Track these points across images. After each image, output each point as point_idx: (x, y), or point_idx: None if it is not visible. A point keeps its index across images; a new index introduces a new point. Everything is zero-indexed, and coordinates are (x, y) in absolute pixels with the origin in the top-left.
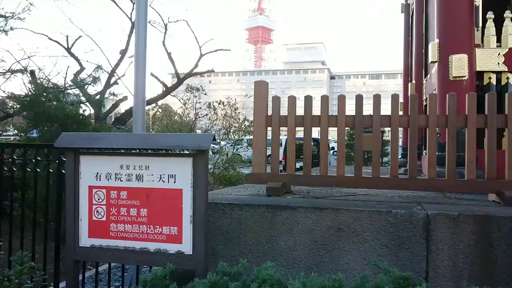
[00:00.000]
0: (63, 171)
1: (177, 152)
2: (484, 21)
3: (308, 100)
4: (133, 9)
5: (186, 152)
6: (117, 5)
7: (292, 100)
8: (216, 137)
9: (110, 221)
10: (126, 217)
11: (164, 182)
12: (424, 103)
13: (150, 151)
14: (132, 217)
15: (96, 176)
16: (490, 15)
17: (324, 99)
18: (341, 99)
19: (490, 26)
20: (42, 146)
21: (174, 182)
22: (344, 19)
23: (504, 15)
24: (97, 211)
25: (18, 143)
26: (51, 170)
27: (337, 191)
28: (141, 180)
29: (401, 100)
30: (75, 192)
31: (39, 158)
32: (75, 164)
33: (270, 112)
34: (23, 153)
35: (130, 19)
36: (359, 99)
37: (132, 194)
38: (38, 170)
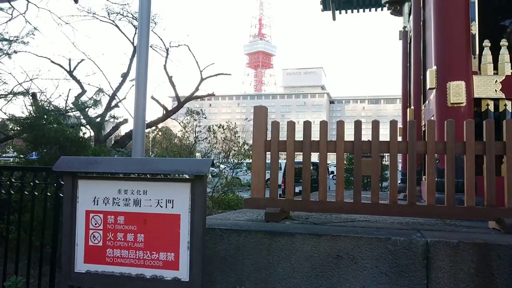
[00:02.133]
0: (61, 195)
1: (176, 176)
2: (481, 48)
3: (307, 125)
4: (135, 33)
5: (185, 176)
6: (120, 30)
7: (291, 125)
8: (215, 161)
9: (107, 246)
10: (123, 242)
11: (161, 207)
12: (423, 129)
13: (148, 175)
14: (129, 242)
15: (94, 200)
16: (487, 43)
17: (323, 125)
18: (340, 124)
19: (487, 54)
20: (40, 169)
21: (172, 207)
22: (344, 44)
23: (500, 43)
24: (93, 236)
25: (17, 166)
26: (48, 194)
27: (336, 217)
28: (139, 205)
29: (400, 125)
30: (72, 217)
31: (37, 181)
32: (73, 188)
33: (269, 137)
34: (21, 176)
35: (132, 43)
36: (358, 125)
37: (129, 219)
38: (36, 193)
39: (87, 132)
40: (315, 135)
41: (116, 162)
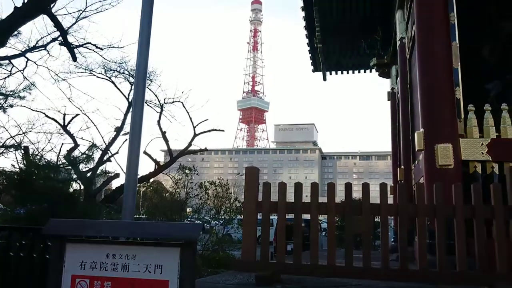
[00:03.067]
0: (47, 256)
1: (165, 242)
2: (466, 112)
3: (298, 187)
4: (130, 89)
5: (175, 241)
6: (116, 86)
7: (282, 186)
8: (206, 217)
9: None
10: None
11: (150, 272)
12: (414, 188)
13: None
14: None
15: (81, 265)
16: (471, 107)
17: (314, 187)
18: (331, 187)
19: (472, 117)
20: (27, 229)
21: (161, 273)
22: (335, 100)
23: (484, 107)
24: None
25: (4, 226)
26: (34, 255)
27: (328, 280)
28: (127, 270)
29: (391, 183)
30: (57, 282)
31: (23, 242)
32: (61, 252)
33: (260, 197)
34: (8, 236)
35: (127, 99)
36: (348, 187)
37: (117, 285)
38: (22, 254)
39: (77, 185)
40: (307, 190)
41: (106, 226)
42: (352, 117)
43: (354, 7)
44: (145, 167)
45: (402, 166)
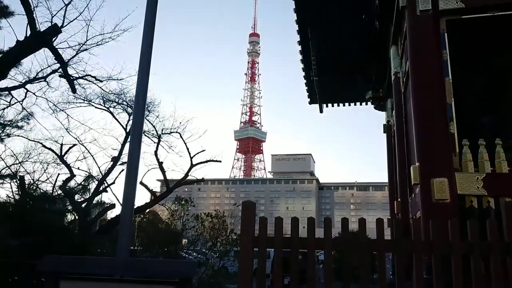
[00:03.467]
0: None
1: (160, 280)
2: (461, 147)
3: (295, 222)
4: (128, 120)
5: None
6: (114, 117)
7: (278, 222)
8: (202, 249)
9: None
10: None
11: None
12: (411, 221)
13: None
14: None
15: None
16: (466, 142)
17: (311, 221)
18: (327, 222)
19: (466, 152)
20: (21, 265)
21: None
22: (332, 131)
23: (478, 142)
24: None
25: None
26: None
27: None
28: None
29: (389, 215)
30: None
31: (16, 278)
32: None
33: (257, 230)
34: (0, 270)
35: (125, 129)
36: (344, 223)
37: None
38: None
39: (72, 216)
40: (304, 221)
41: (100, 263)
42: (349, 147)
43: (349, 42)
44: (141, 197)
45: (399, 199)
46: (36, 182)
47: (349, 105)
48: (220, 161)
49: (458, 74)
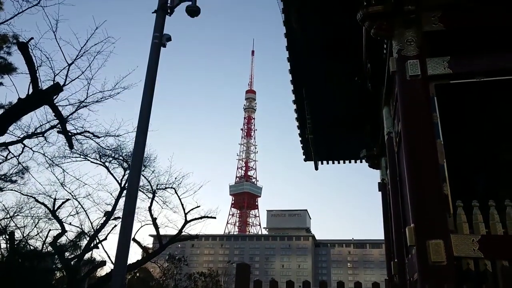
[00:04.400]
0: None
1: None
2: (455, 208)
3: (290, 286)
4: (123, 175)
5: None
6: (109, 171)
7: (273, 285)
8: None
9: None
10: None
11: None
12: (408, 284)
13: None
14: None
15: None
16: (459, 203)
17: (306, 286)
18: (323, 286)
19: (461, 213)
20: None
21: None
22: (328, 187)
23: (472, 203)
24: None
25: None
26: None
27: None
28: None
29: (386, 273)
30: None
31: None
32: None
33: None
34: None
35: (120, 184)
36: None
37: None
38: None
39: (61, 274)
40: (300, 280)
41: None
42: (346, 203)
43: (343, 102)
44: (133, 254)
45: (396, 260)
46: (26, 238)
47: (344, 162)
48: (214, 218)
49: (450, 135)
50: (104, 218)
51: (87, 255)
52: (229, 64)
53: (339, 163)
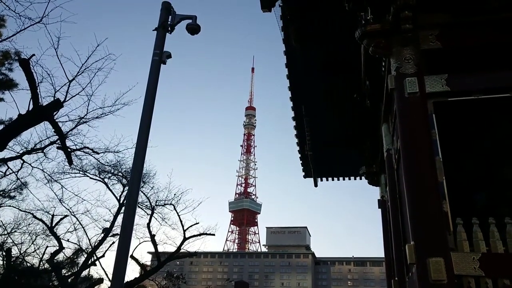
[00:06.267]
0: None
1: None
2: (455, 225)
3: None
4: (122, 191)
5: None
6: (108, 187)
7: None
8: None
9: None
10: None
11: None
12: None
13: None
14: None
15: None
16: (459, 220)
17: None
18: None
19: (461, 231)
20: None
21: None
22: (328, 204)
23: (472, 221)
24: None
25: None
26: None
27: None
28: None
29: None
30: None
31: None
32: None
33: None
34: None
35: (119, 200)
36: None
37: None
38: None
39: None
40: None
41: None
42: (346, 221)
43: (342, 119)
44: (130, 271)
45: (396, 278)
46: (23, 254)
47: (344, 179)
48: (213, 235)
49: (449, 152)
50: (102, 235)
51: (84, 272)
52: (230, 80)
53: (338, 180)
